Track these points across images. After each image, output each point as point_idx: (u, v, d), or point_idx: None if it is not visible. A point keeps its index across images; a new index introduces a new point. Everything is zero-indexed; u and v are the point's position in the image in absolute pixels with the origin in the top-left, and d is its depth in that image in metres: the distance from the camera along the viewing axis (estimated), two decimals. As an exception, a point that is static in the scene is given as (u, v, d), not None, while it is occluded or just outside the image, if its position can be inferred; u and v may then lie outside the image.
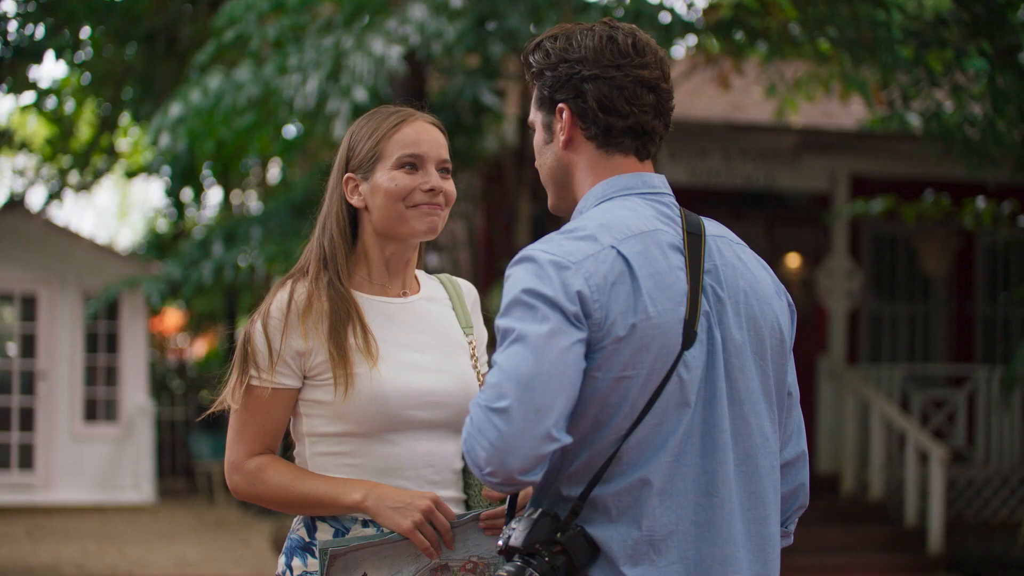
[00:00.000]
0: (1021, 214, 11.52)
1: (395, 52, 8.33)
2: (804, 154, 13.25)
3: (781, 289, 2.79)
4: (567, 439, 2.45)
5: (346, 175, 3.12)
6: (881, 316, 14.90)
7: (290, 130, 12.81)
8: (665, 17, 10.33)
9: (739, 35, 10.14)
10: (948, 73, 8.52)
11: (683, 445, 2.55)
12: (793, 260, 14.48)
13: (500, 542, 2.53)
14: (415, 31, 8.42)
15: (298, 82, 8.88)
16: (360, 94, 8.38)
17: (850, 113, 13.77)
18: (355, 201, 3.11)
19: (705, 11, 11.04)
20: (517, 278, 2.54)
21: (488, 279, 12.75)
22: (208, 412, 3.12)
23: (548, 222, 13.14)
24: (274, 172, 20.16)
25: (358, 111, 9.52)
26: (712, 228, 2.72)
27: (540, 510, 2.53)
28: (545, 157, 2.77)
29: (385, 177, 3.06)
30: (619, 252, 2.53)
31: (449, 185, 3.12)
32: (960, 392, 13.47)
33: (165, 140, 10.08)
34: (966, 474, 13.25)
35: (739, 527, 2.61)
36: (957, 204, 11.00)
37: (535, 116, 2.78)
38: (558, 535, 2.50)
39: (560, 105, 2.70)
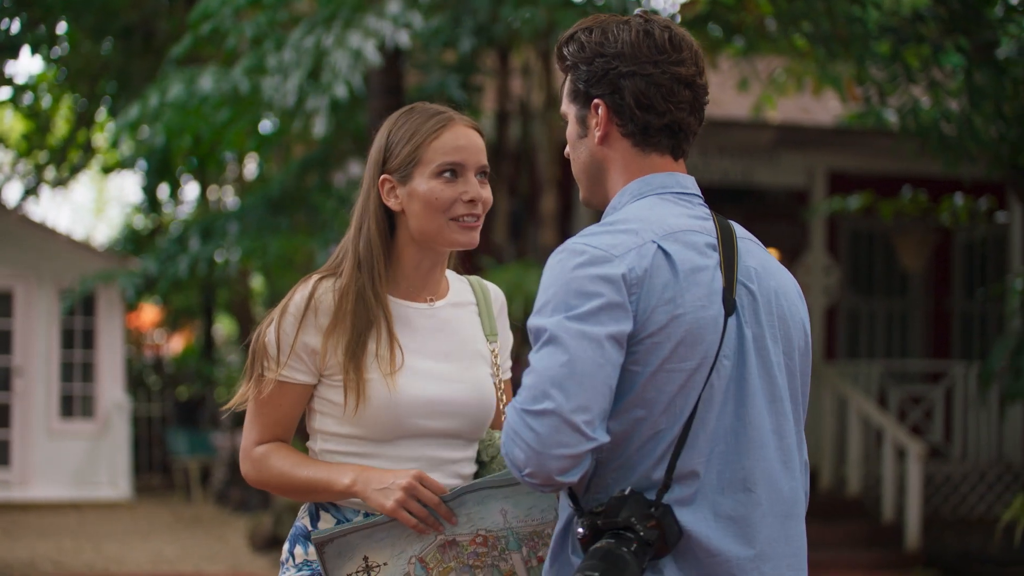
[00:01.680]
0: (998, 210, 11.55)
1: (371, 45, 8.33)
2: (781, 150, 13.27)
3: (801, 293, 2.79)
4: (605, 438, 2.43)
5: (382, 176, 3.05)
6: (859, 312, 14.93)
7: (266, 126, 12.78)
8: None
9: (715, 30, 10.12)
10: (925, 69, 8.51)
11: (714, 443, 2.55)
12: (771, 256, 14.48)
13: (581, 529, 2.50)
14: (390, 24, 8.42)
15: (279, 82, 8.88)
16: (340, 90, 8.38)
17: (827, 109, 13.78)
18: (391, 204, 3.04)
19: (681, 6, 11.03)
20: (555, 273, 2.51)
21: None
22: (226, 408, 3.10)
23: (526, 219, 13.12)
24: (251, 167, 20.11)
25: (337, 108, 9.50)
26: (740, 231, 2.71)
27: (629, 488, 2.49)
28: (579, 151, 2.74)
29: (424, 186, 3.00)
30: (660, 247, 2.53)
31: (487, 192, 3.06)
32: (937, 388, 13.51)
33: (126, 149, 10.10)
34: (943, 470, 13.28)
35: (778, 528, 2.59)
36: (934, 200, 11.02)
37: (568, 108, 2.75)
38: (652, 510, 2.47)
39: (596, 100, 2.67)
